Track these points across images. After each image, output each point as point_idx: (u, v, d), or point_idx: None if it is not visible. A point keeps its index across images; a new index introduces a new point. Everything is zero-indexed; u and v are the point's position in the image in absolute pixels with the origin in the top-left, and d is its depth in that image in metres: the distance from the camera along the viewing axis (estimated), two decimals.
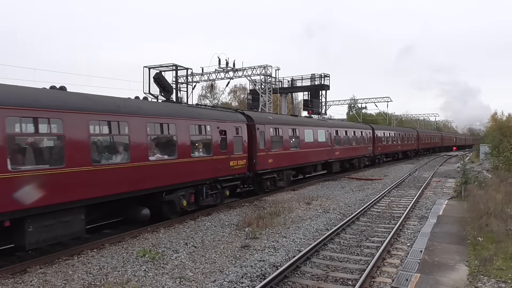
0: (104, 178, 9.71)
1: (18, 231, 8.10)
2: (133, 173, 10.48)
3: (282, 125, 19.30)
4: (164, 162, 11.71)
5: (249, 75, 33.27)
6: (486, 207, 11.74)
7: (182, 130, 12.39)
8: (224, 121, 14.77)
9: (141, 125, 10.84)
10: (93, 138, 9.71)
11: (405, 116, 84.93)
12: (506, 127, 40.62)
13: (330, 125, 25.63)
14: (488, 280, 6.96)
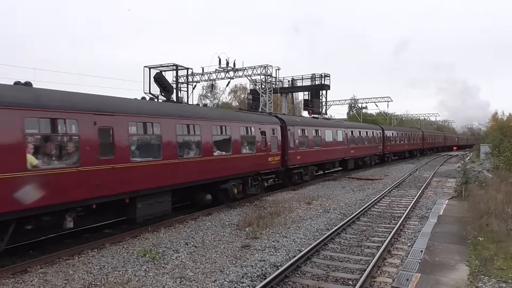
0: (184, 169, 12.48)
1: (132, 207, 10.75)
2: (202, 166, 13.28)
3: (308, 126, 22.05)
4: (222, 157, 14.47)
5: (250, 75, 33.28)
6: (486, 207, 11.74)
7: (235, 131, 15.31)
8: (263, 123, 17.48)
9: (208, 127, 13.70)
10: (178, 138, 12.31)
11: (405, 116, 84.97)
12: (507, 127, 40.59)
13: (346, 126, 28.56)
14: (489, 280, 6.95)
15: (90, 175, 9.25)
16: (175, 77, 19.42)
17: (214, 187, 14.20)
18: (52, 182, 8.42)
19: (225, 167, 14.50)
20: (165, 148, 11.64)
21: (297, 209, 14.64)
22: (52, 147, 8.84)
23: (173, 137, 12.03)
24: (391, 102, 62.82)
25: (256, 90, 35.90)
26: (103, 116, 9.69)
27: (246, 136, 16.08)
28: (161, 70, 15.26)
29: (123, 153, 10.20)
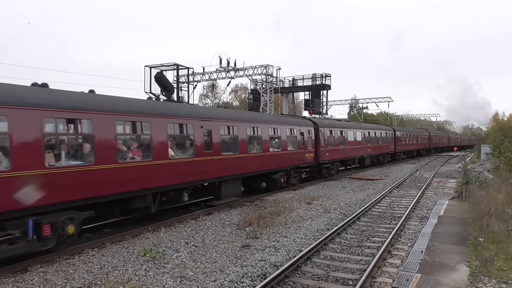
0: (251, 162, 16.17)
1: (219, 189, 14.56)
2: (262, 159, 16.96)
3: (334, 127, 25.83)
4: (275, 153, 18.17)
5: (250, 74, 33.23)
6: (487, 208, 11.73)
7: (283, 132, 19.06)
8: (302, 126, 21.15)
9: (266, 129, 17.46)
10: (248, 137, 16.14)
11: (406, 116, 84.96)
12: (508, 128, 40.58)
13: (364, 127, 32.22)
14: (489, 280, 6.95)
15: (199, 164, 13.15)
16: (176, 77, 19.43)
17: (267, 177, 18.06)
18: (180, 168, 12.36)
19: (276, 161, 18.32)
20: (241, 145, 15.57)
21: (298, 209, 14.64)
22: (179, 145, 12.87)
23: (245, 136, 15.93)
24: (392, 102, 62.78)
25: (256, 90, 35.88)
26: (206, 121, 13.61)
27: (290, 136, 19.78)
28: (162, 69, 15.30)
29: (216, 148, 14.09)
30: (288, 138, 19.43)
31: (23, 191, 7.95)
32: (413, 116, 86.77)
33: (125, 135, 11.16)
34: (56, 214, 8.72)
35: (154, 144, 11.32)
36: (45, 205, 8.44)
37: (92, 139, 9.58)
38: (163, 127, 11.70)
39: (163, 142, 11.72)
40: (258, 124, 17.10)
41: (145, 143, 11.36)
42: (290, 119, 21.64)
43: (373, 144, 32.71)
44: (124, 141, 10.86)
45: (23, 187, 7.94)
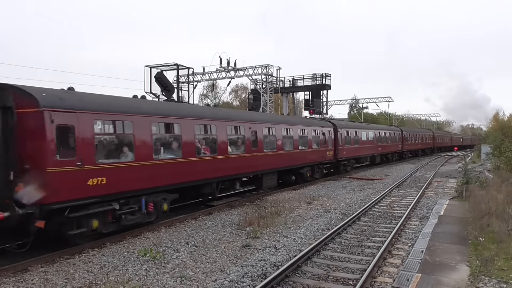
0: (285, 158, 18.87)
1: (261, 180, 17.26)
2: (293, 156, 19.70)
3: (350, 128, 28.24)
4: (302, 151, 20.73)
5: (250, 74, 33.22)
6: (487, 207, 11.72)
7: (309, 132, 21.77)
8: (324, 127, 23.83)
9: (296, 130, 20.27)
10: (283, 137, 18.90)
11: (406, 116, 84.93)
12: (508, 128, 40.57)
13: (375, 128, 35.13)
14: (489, 280, 6.95)
15: (249, 159, 15.94)
16: (176, 77, 19.42)
17: (296, 172, 20.46)
18: (235, 162, 15.17)
19: (304, 158, 20.99)
20: (278, 144, 18.32)
21: (298, 208, 14.64)
22: (234, 143, 15.53)
23: (281, 136, 18.74)
24: (392, 102, 62.75)
25: (257, 90, 35.87)
26: (253, 124, 16.42)
27: (315, 136, 22.34)
28: (162, 69, 15.30)
29: (260, 146, 16.84)
30: (313, 138, 22.08)
31: (140, 176, 10.65)
32: (413, 116, 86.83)
33: (200, 135, 13.56)
34: (156, 195, 11.38)
35: (219, 143, 14.24)
36: (150, 188, 11.13)
37: (180, 138, 12.39)
38: (224, 129, 14.60)
39: (224, 141, 14.59)
40: (290, 125, 20.12)
41: (212, 142, 14.13)
42: (314, 121, 24.50)
43: (383, 143, 35.49)
44: (199, 140, 13.49)
45: (140, 174, 10.64)
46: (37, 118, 8.54)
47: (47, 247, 9.05)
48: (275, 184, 18.72)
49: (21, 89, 8.80)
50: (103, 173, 9.71)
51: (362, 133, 30.33)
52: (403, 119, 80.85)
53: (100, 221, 9.66)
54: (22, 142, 8.62)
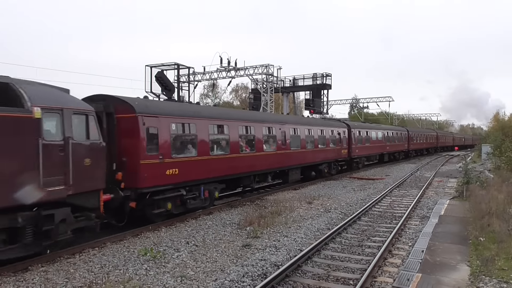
0: (307, 155, 21.29)
1: (287, 175, 19.45)
2: (314, 154, 22.10)
3: (362, 128, 31.11)
4: (321, 149, 23.25)
5: (251, 74, 33.19)
6: (488, 207, 11.71)
7: (327, 132, 24.34)
8: (339, 127, 26.30)
9: (316, 130, 22.81)
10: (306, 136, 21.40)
11: (407, 116, 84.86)
12: (508, 127, 40.53)
13: (383, 128, 37.62)
14: (490, 280, 6.94)
15: (279, 156, 18.44)
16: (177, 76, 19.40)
17: (315, 168, 22.84)
18: (268, 158, 17.69)
19: (323, 155, 23.45)
20: (302, 143, 20.83)
21: (298, 208, 14.63)
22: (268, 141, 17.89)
23: (304, 136, 21.22)
24: (393, 102, 62.69)
25: (257, 90, 35.83)
26: (282, 125, 19.02)
27: (332, 136, 24.78)
28: (162, 69, 15.29)
29: (288, 145, 19.13)
30: (330, 137, 24.52)
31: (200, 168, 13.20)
32: (414, 115, 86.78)
33: (242, 135, 15.91)
34: (210, 184, 13.86)
35: (256, 141, 16.66)
36: (207, 178, 13.65)
37: (228, 138, 14.84)
38: (260, 129, 16.98)
39: (260, 139, 16.97)
40: (312, 126, 22.53)
41: (251, 141, 16.52)
42: (331, 122, 27.25)
43: (391, 142, 38.02)
44: (242, 139, 15.87)
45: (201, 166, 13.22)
46: (133, 121, 10.95)
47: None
48: (299, 178, 21.13)
49: (119, 99, 11.33)
50: (176, 165, 12.23)
51: (372, 133, 32.87)
52: (403, 119, 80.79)
53: (172, 204, 12.08)
54: (120, 140, 10.95)
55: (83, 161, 8.99)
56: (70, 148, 8.62)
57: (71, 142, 8.67)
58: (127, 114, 11.03)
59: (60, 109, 8.63)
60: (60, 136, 8.59)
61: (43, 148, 8.06)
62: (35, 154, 7.93)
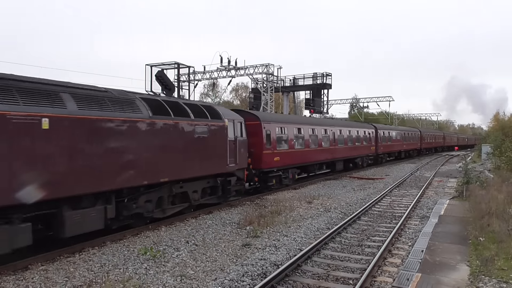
0: (347, 150, 27.27)
1: (334, 165, 25.66)
2: (352, 149, 28.15)
3: (385, 129, 37.16)
4: (356, 146, 29.07)
5: (251, 73, 33.23)
6: (487, 207, 11.71)
7: (361, 132, 30.20)
8: (369, 128, 32.70)
9: (354, 131, 28.85)
10: (345, 135, 26.85)
11: (407, 116, 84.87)
12: (508, 127, 40.51)
13: (401, 129, 44.18)
14: (490, 280, 6.94)
15: (331, 151, 24.49)
16: (177, 75, 19.41)
17: (352, 161, 29.11)
18: (324, 152, 23.58)
19: (358, 151, 29.69)
20: (345, 140, 26.58)
21: (298, 208, 14.63)
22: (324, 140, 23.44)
23: (346, 136, 26.96)
24: (393, 101, 62.72)
25: (257, 89, 35.85)
26: (332, 127, 25.01)
27: (364, 136, 30.89)
28: (162, 68, 15.29)
29: (336, 142, 24.93)
30: (363, 137, 30.58)
31: (289, 157, 19.26)
32: (414, 115, 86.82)
33: (311, 135, 22.23)
34: (293, 169, 20.28)
35: (318, 139, 23.05)
36: (292, 164, 19.97)
37: (303, 136, 21.20)
38: (320, 131, 23.41)
39: (320, 138, 23.22)
40: (351, 128, 28.79)
41: (315, 139, 22.65)
42: (363, 124, 34.26)
43: (407, 141, 43.77)
44: (310, 138, 21.95)
45: (289, 156, 19.33)
46: (258, 126, 17.27)
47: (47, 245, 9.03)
48: (342, 168, 27.07)
49: (249, 112, 18.57)
50: (279, 155, 18.52)
51: (393, 134, 39.11)
52: (403, 118, 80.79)
53: (276, 180, 18.47)
54: (249, 138, 16.14)
55: (241, 150, 15.05)
56: (237, 142, 14.74)
57: (238, 139, 14.81)
58: (254, 122, 17.29)
59: (233, 120, 14.76)
60: (233, 135, 14.52)
61: (228, 142, 14.12)
62: (225, 146, 13.97)
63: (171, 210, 12.12)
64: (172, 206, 12.19)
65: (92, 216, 9.22)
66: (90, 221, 9.21)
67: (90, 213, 9.18)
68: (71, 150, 8.58)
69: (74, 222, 8.78)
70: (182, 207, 12.59)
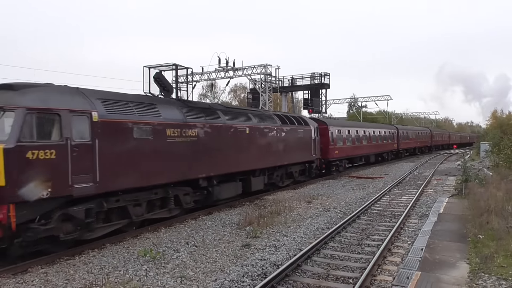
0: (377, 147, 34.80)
1: (368, 158, 33.39)
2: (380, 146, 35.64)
3: (404, 129, 44.30)
4: (385, 143, 36.69)
5: (249, 74, 33.21)
6: (486, 205, 11.73)
7: (386, 132, 37.33)
8: (391, 129, 39.55)
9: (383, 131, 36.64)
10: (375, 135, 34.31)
11: (405, 115, 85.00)
12: (507, 125, 40.57)
13: (416, 129, 52.14)
14: (489, 277, 6.95)
15: (365, 147, 31.85)
16: (175, 77, 19.37)
17: (380, 155, 36.09)
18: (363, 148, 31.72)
19: (385, 147, 36.58)
20: (376, 139, 33.96)
21: (298, 208, 14.64)
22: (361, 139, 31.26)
23: (377, 135, 34.64)
24: (391, 100, 62.88)
25: (255, 89, 35.84)
26: (365, 129, 32.58)
27: (389, 135, 37.70)
28: (160, 69, 15.22)
29: (370, 140, 32.55)
30: (388, 136, 37.30)
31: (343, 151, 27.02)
32: (412, 114, 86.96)
33: (355, 135, 29.36)
34: (344, 160, 27.78)
35: (361, 138, 30.34)
36: (343, 157, 27.18)
37: (351, 135, 28.47)
38: (362, 131, 30.77)
39: (361, 137, 30.54)
40: (380, 129, 36.23)
41: (359, 137, 30.02)
42: (387, 126, 41.72)
43: (420, 139, 50.68)
44: (356, 136, 29.49)
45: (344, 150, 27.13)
46: (326, 130, 24.47)
47: None
48: (374, 161, 34.07)
49: (320, 120, 26.33)
50: (337, 149, 25.82)
51: (410, 133, 46.05)
52: (402, 117, 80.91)
53: (335, 168, 25.97)
54: (320, 138, 22.93)
55: (317, 146, 22.06)
56: (316, 140, 21.86)
57: (316, 138, 21.87)
58: (323, 126, 24.61)
59: (313, 125, 21.98)
60: (314, 135, 21.66)
61: (311, 141, 21.33)
62: (310, 143, 21.21)
63: (286, 182, 19.74)
64: (287, 180, 19.79)
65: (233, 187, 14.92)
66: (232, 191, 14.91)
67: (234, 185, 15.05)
68: (223, 145, 13.92)
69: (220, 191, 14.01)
70: (289, 182, 20.09)
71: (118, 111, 10.00)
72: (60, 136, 8.49)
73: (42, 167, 8.09)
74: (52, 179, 8.23)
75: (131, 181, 10.15)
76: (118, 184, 9.78)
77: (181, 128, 11.81)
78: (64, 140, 8.52)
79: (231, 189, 14.64)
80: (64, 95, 9.06)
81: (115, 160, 9.68)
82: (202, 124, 12.88)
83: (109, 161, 9.47)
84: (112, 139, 9.61)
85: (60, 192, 8.42)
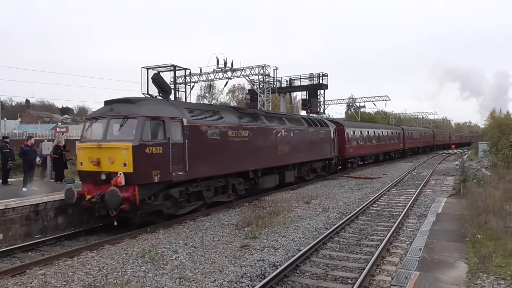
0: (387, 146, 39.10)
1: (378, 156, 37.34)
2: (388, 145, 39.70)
3: (409, 130, 48.06)
4: (392, 143, 40.48)
5: (248, 75, 33.16)
6: (485, 205, 11.74)
7: (394, 133, 41.44)
8: (397, 130, 42.80)
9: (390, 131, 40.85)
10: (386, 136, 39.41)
11: (403, 115, 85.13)
12: (505, 125, 40.61)
13: (419, 130, 55.87)
14: (487, 277, 6.96)
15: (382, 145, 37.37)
16: (173, 78, 19.39)
17: (388, 154, 39.52)
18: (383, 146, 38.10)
19: (392, 147, 40.26)
20: (385, 139, 38.17)
21: (296, 208, 14.64)
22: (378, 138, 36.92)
23: (386, 134, 38.00)
24: (389, 101, 62.90)
25: (254, 90, 35.80)
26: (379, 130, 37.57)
27: (396, 135, 41.24)
28: (159, 70, 15.26)
29: (381, 140, 37.09)
30: (395, 136, 40.88)
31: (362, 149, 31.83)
32: (411, 114, 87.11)
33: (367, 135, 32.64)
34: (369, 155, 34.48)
35: (371, 138, 33.76)
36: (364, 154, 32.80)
37: (372, 136, 34.20)
38: (372, 132, 33.92)
39: (371, 137, 33.85)
40: (388, 129, 39.84)
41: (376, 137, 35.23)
42: (393, 127, 44.94)
43: (423, 140, 54.19)
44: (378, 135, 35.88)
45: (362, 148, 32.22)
46: (342, 130, 27.43)
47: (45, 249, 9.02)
48: (382, 159, 37.29)
49: (337, 122, 28.53)
50: (352, 148, 28.91)
51: (414, 133, 49.80)
52: (400, 117, 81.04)
53: (350, 164, 29.03)
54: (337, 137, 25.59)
55: (335, 145, 24.69)
56: (334, 140, 24.62)
57: (335, 138, 24.64)
58: (340, 127, 27.10)
59: (332, 126, 24.80)
60: (333, 136, 24.43)
61: (332, 140, 24.31)
62: (330, 142, 24.12)
63: (311, 176, 22.23)
64: (311, 175, 22.34)
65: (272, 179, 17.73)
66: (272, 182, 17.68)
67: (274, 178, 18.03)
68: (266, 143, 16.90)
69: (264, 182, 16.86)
70: (313, 176, 22.59)
71: (198, 117, 12.87)
72: (164, 136, 11.23)
73: (154, 160, 10.89)
74: (160, 168, 11.03)
75: (206, 171, 13.05)
76: (198, 173, 12.69)
77: (237, 130, 14.67)
78: (167, 140, 11.27)
79: (271, 180, 17.53)
80: (164, 106, 12.11)
81: (197, 155, 12.41)
82: (251, 127, 15.72)
83: (193, 156, 12.20)
84: (194, 139, 12.39)
85: (165, 178, 11.25)
